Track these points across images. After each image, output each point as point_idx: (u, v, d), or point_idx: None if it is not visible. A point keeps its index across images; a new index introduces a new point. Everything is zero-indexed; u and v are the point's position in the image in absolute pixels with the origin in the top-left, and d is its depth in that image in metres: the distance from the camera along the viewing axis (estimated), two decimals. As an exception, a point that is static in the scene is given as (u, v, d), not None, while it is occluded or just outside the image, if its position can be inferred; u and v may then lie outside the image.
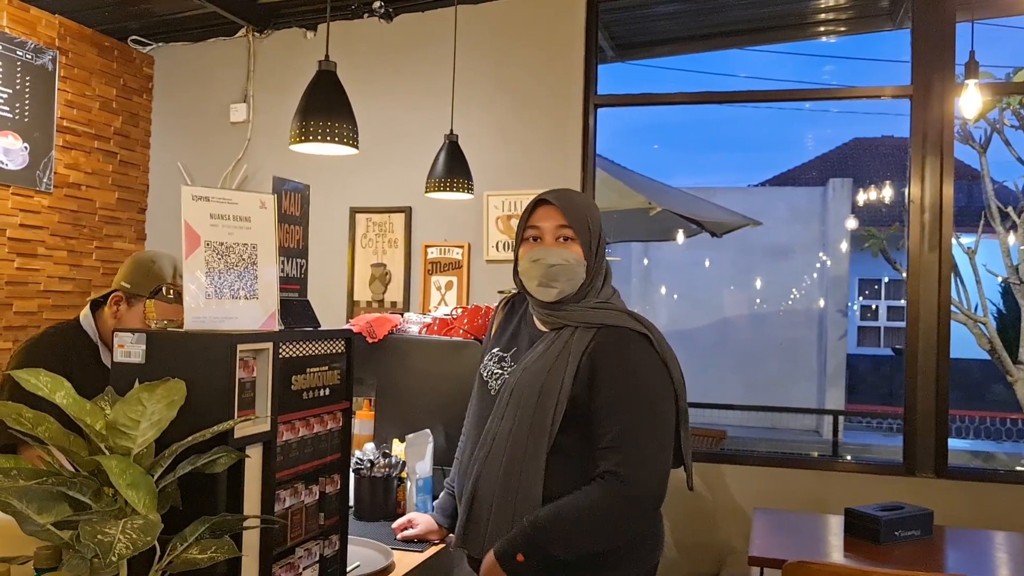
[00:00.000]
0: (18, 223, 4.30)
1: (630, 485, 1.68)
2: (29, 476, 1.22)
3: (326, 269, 4.68)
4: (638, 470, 1.68)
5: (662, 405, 1.74)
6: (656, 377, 1.75)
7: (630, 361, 1.74)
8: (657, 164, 21.53)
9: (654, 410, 1.73)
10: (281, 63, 4.89)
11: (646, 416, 1.71)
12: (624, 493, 1.68)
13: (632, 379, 1.73)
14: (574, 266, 1.82)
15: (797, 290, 11.85)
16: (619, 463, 1.68)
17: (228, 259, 1.49)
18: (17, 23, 4.30)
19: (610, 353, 1.74)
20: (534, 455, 1.73)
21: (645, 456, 1.69)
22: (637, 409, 1.71)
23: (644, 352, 1.75)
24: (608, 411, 1.71)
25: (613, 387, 1.72)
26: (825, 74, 10.45)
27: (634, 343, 1.75)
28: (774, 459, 4.46)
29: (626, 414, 1.70)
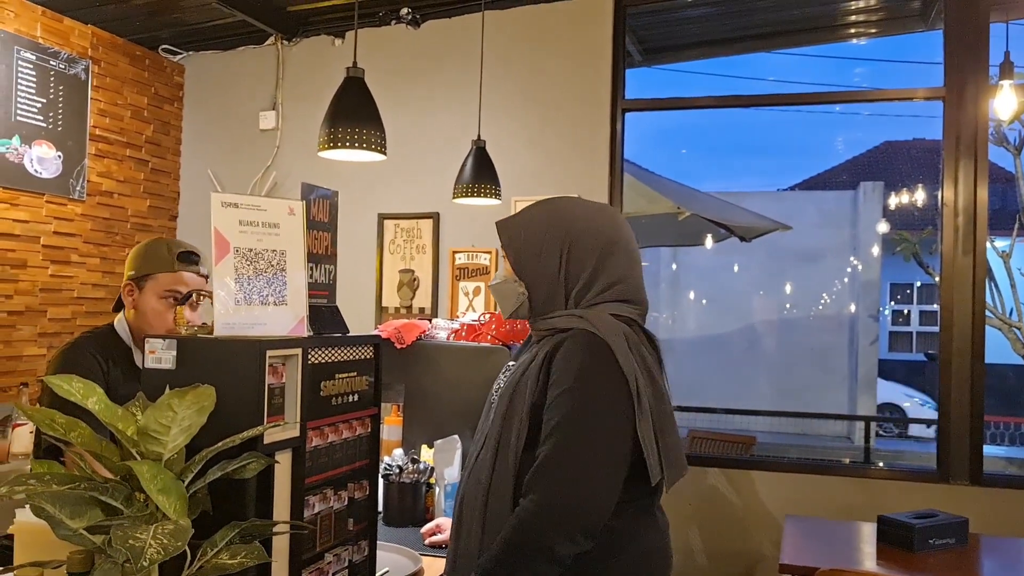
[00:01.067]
0: (52, 231, 4.37)
1: (544, 499, 1.54)
2: (62, 481, 1.23)
3: (354, 275, 4.71)
4: (556, 483, 1.55)
5: (601, 406, 1.59)
6: (598, 379, 1.60)
7: (571, 360, 1.62)
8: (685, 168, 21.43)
9: (588, 410, 1.58)
10: (309, 70, 4.93)
11: (577, 418, 1.58)
12: (536, 510, 1.54)
13: (569, 377, 1.60)
14: (501, 284, 1.81)
15: (827, 295, 11.73)
16: (537, 474, 1.56)
17: (257, 265, 1.50)
18: (51, 33, 4.36)
19: (562, 354, 1.64)
20: (502, 478, 1.63)
21: (568, 464, 1.55)
22: (569, 409, 1.58)
23: (589, 351, 1.62)
24: (547, 413, 1.61)
25: (554, 388, 1.62)
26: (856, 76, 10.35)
27: (581, 342, 1.63)
28: (805, 465, 4.41)
29: (558, 415, 1.58)
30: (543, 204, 1.85)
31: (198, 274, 2.34)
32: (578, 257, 1.73)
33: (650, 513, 1.73)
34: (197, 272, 2.34)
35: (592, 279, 1.73)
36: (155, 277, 2.28)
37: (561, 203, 1.83)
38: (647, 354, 1.69)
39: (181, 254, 2.32)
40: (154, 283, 2.28)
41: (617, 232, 1.78)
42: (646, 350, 1.71)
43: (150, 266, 2.29)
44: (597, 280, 1.73)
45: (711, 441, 5.65)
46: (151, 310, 2.27)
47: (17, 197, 4.17)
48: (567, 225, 1.76)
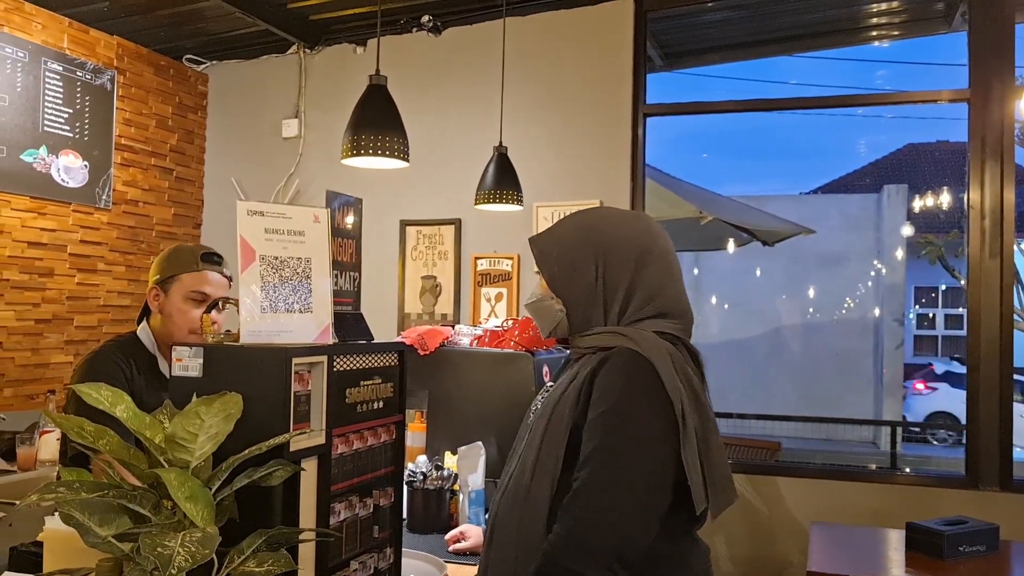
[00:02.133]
0: (79, 239, 4.42)
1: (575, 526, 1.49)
2: (91, 489, 1.24)
3: (377, 282, 4.72)
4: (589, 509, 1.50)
5: (642, 430, 1.52)
6: (640, 400, 1.53)
7: (612, 381, 1.55)
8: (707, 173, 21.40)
9: (628, 434, 1.52)
10: (331, 79, 4.96)
11: (616, 443, 1.51)
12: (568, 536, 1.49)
13: (609, 398, 1.54)
14: (537, 303, 1.77)
15: (852, 299, 11.63)
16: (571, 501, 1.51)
17: (283, 273, 1.51)
18: (77, 44, 4.42)
19: (604, 373, 1.57)
20: (538, 501, 1.58)
21: (602, 490, 1.50)
22: (608, 432, 1.52)
23: (631, 371, 1.55)
24: (586, 435, 1.55)
25: (595, 408, 1.55)
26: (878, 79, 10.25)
27: (623, 362, 1.57)
28: (831, 471, 4.36)
29: (596, 439, 1.52)
30: (574, 217, 1.79)
31: (221, 274, 2.37)
32: (614, 270, 1.67)
33: (694, 538, 1.68)
34: (221, 272, 2.37)
35: (630, 292, 1.66)
36: (180, 279, 2.31)
37: (592, 215, 1.77)
38: (692, 374, 1.61)
39: (204, 255, 2.36)
40: (179, 284, 2.31)
41: (652, 240, 1.70)
42: (691, 369, 1.62)
43: (174, 268, 2.33)
44: (635, 292, 1.66)
45: (735, 447, 5.61)
46: (177, 311, 2.30)
47: (44, 206, 4.22)
48: (599, 237, 1.70)
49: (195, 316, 2.30)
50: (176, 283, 2.31)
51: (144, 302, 2.41)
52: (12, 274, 4.08)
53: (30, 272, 4.17)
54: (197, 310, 2.30)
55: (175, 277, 2.32)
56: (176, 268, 2.33)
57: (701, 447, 1.54)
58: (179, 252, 2.38)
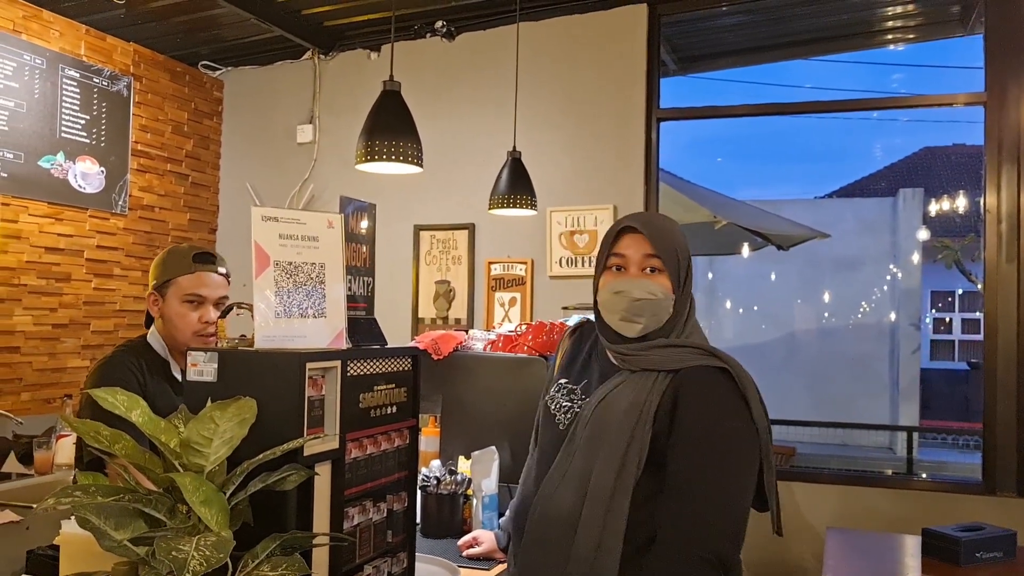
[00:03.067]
0: (95, 244, 4.45)
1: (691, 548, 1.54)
2: (107, 493, 1.25)
3: (391, 286, 4.73)
4: (699, 530, 1.55)
5: (738, 449, 1.60)
6: (735, 420, 1.61)
7: (710, 400, 1.62)
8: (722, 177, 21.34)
9: (728, 458, 1.59)
10: (346, 84, 4.98)
11: (717, 464, 1.58)
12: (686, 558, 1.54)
13: (708, 420, 1.60)
14: (660, 300, 1.69)
15: (867, 303, 11.56)
16: (676, 522, 1.57)
17: (297, 278, 1.51)
18: (94, 51, 4.45)
19: (692, 389, 1.62)
20: (618, 501, 1.61)
21: (705, 517, 1.56)
22: (710, 453, 1.59)
23: (725, 390, 1.62)
24: (681, 450, 1.60)
25: (690, 426, 1.60)
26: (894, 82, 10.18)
27: (716, 381, 1.63)
28: (846, 477, 4.34)
29: (697, 456, 1.59)
30: (672, 221, 1.82)
31: (216, 272, 2.34)
32: (692, 280, 1.77)
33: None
34: (215, 271, 2.34)
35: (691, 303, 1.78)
36: (175, 282, 2.29)
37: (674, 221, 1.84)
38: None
39: (196, 255, 2.33)
40: (175, 288, 2.29)
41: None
42: None
43: (169, 272, 2.31)
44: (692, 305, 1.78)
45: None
46: (176, 314, 2.28)
47: (62, 212, 4.26)
48: (687, 246, 1.78)
49: (194, 319, 2.28)
50: (172, 287, 2.29)
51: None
52: (30, 279, 4.11)
53: (47, 277, 4.20)
54: (195, 312, 2.29)
55: (171, 281, 2.30)
56: (171, 272, 2.31)
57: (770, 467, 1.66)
58: (172, 255, 2.36)
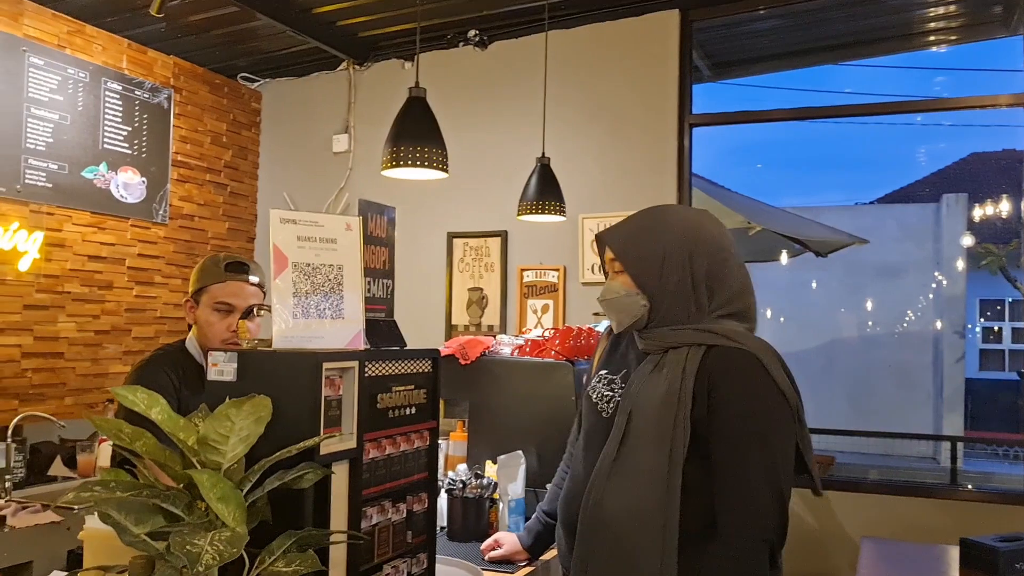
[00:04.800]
0: (136, 253, 4.55)
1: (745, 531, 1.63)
2: (126, 488, 1.28)
3: (425, 293, 4.77)
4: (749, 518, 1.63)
5: (777, 429, 1.66)
6: (767, 400, 1.66)
7: (743, 382, 1.66)
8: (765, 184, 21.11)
9: (768, 439, 1.65)
10: (380, 94, 5.04)
11: (758, 447, 1.64)
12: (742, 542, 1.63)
13: (744, 401, 1.66)
14: (621, 298, 1.79)
15: (909, 311, 11.35)
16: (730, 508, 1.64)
17: (315, 280, 1.54)
18: (135, 65, 4.56)
19: (725, 372, 1.66)
20: (672, 488, 1.65)
21: (756, 497, 1.63)
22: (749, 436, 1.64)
23: (757, 372, 1.66)
24: (723, 437, 1.65)
25: (728, 408, 1.65)
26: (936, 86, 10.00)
27: (747, 363, 1.67)
28: (883, 486, 4.27)
29: (737, 440, 1.65)
30: (650, 213, 1.85)
31: (247, 283, 2.36)
32: (700, 263, 1.73)
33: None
34: (246, 281, 2.36)
35: (712, 284, 1.73)
36: (208, 290, 2.34)
37: (666, 211, 1.85)
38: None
39: (229, 264, 2.36)
40: (208, 296, 2.34)
41: (725, 237, 1.79)
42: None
43: (203, 280, 2.35)
44: (716, 286, 1.74)
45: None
46: (205, 322, 2.33)
47: (104, 221, 4.36)
48: (683, 232, 1.76)
49: (221, 327, 2.31)
50: (205, 294, 2.34)
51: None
52: (73, 287, 4.21)
53: (90, 285, 4.30)
54: (223, 321, 2.32)
55: (204, 289, 2.34)
56: (204, 280, 2.35)
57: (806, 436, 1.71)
58: (208, 264, 2.40)
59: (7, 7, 3.91)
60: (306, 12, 4.45)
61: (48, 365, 4.11)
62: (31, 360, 4.02)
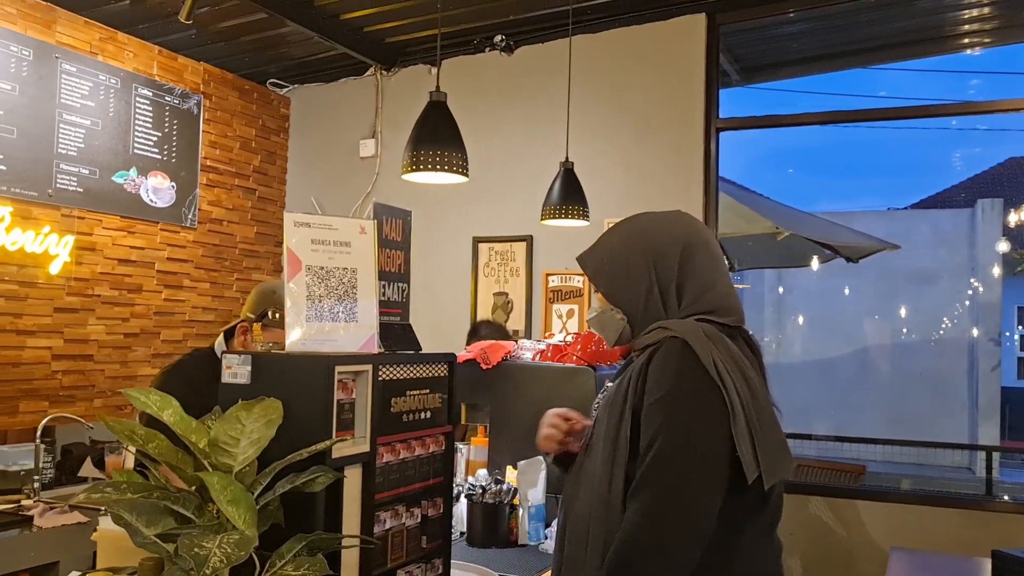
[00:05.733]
0: (166, 257, 4.59)
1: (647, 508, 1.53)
2: (137, 490, 1.29)
3: (450, 298, 4.77)
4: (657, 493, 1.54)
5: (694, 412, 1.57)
6: (685, 382, 1.58)
7: (662, 368, 1.60)
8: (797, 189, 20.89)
9: (682, 418, 1.57)
10: (407, 99, 5.05)
11: (673, 427, 1.56)
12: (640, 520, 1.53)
13: (660, 386, 1.59)
14: (600, 316, 1.80)
15: (944, 318, 11.17)
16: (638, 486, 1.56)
17: (328, 283, 1.54)
18: (166, 71, 4.61)
19: (652, 365, 1.62)
20: (615, 490, 1.60)
21: (667, 472, 1.54)
22: (665, 418, 1.57)
23: (677, 355, 1.60)
24: (644, 423, 1.59)
25: (649, 396, 1.60)
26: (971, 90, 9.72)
27: (668, 349, 1.61)
28: (914, 496, 4.18)
29: (654, 425, 1.57)
30: (617, 227, 1.84)
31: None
32: (665, 266, 1.72)
33: (768, 535, 1.69)
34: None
35: (680, 284, 1.71)
36: (256, 326, 2.33)
37: (634, 221, 1.82)
38: (736, 352, 1.64)
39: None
40: (268, 334, 2.30)
41: (696, 233, 1.76)
42: (740, 349, 1.66)
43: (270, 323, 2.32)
44: (685, 285, 1.71)
45: (817, 470, 5.44)
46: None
47: (134, 225, 4.41)
48: (646, 239, 1.75)
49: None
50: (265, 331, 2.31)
51: (231, 318, 2.44)
52: (103, 290, 4.26)
53: (120, 288, 4.35)
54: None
55: (265, 327, 2.32)
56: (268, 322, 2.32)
57: (750, 418, 1.57)
58: (272, 298, 2.35)
59: (40, 15, 3.98)
60: (334, 18, 4.48)
61: (78, 367, 4.16)
62: (61, 362, 4.07)
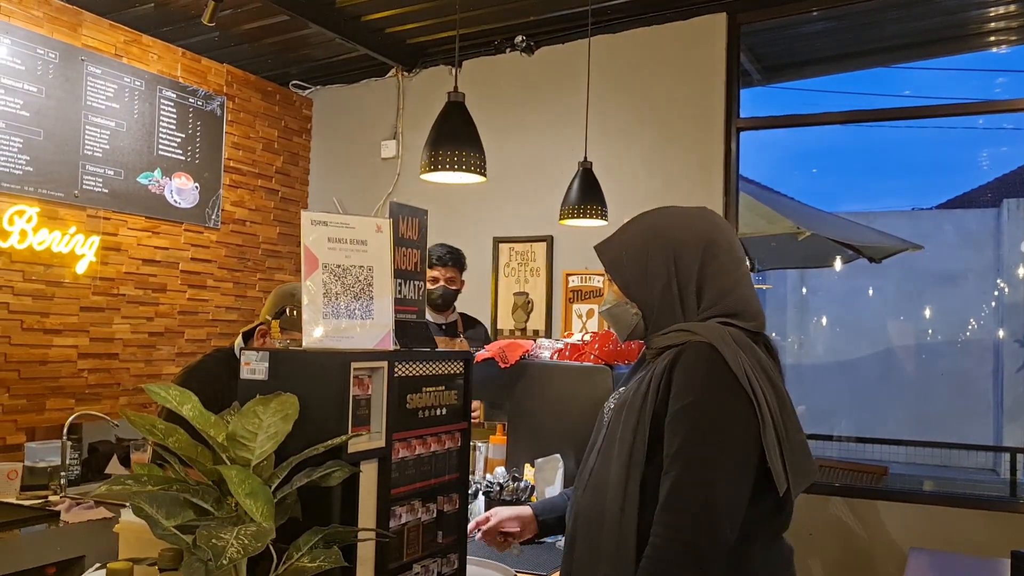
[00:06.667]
0: (189, 257, 4.65)
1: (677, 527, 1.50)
2: (157, 482, 1.31)
3: (471, 298, 4.77)
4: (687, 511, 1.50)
5: (724, 417, 1.54)
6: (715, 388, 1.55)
7: (690, 374, 1.56)
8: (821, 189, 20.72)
9: (712, 426, 1.54)
10: (428, 100, 5.07)
11: (702, 437, 1.53)
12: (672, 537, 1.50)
13: (689, 392, 1.55)
14: (613, 308, 1.77)
15: (968, 319, 11.04)
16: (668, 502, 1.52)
17: (345, 281, 1.56)
18: (190, 73, 4.67)
19: (679, 366, 1.58)
20: (630, 493, 1.58)
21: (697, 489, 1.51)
22: (693, 427, 1.53)
23: (706, 360, 1.56)
24: (670, 428, 1.56)
25: (676, 402, 1.56)
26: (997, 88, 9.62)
27: (697, 354, 1.57)
28: (935, 497, 4.15)
29: (682, 434, 1.54)
30: (638, 220, 1.80)
31: None
32: (685, 266, 1.67)
33: (780, 537, 1.67)
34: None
35: (701, 285, 1.67)
36: (274, 323, 2.36)
37: (655, 215, 1.78)
38: (764, 358, 1.61)
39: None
40: (286, 335, 2.35)
41: (718, 232, 1.71)
42: (763, 354, 1.62)
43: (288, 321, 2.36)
44: (706, 286, 1.67)
45: (838, 470, 5.41)
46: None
47: (158, 226, 4.47)
48: (667, 235, 1.71)
49: None
50: (284, 333, 2.35)
51: (254, 317, 2.48)
52: (128, 289, 4.33)
53: (144, 288, 4.41)
54: None
55: (283, 324, 2.35)
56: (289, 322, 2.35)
57: (778, 427, 1.55)
58: (289, 299, 2.38)
59: (67, 18, 4.04)
60: (355, 20, 4.52)
61: (103, 366, 4.22)
62: (87, 361, 4.14)
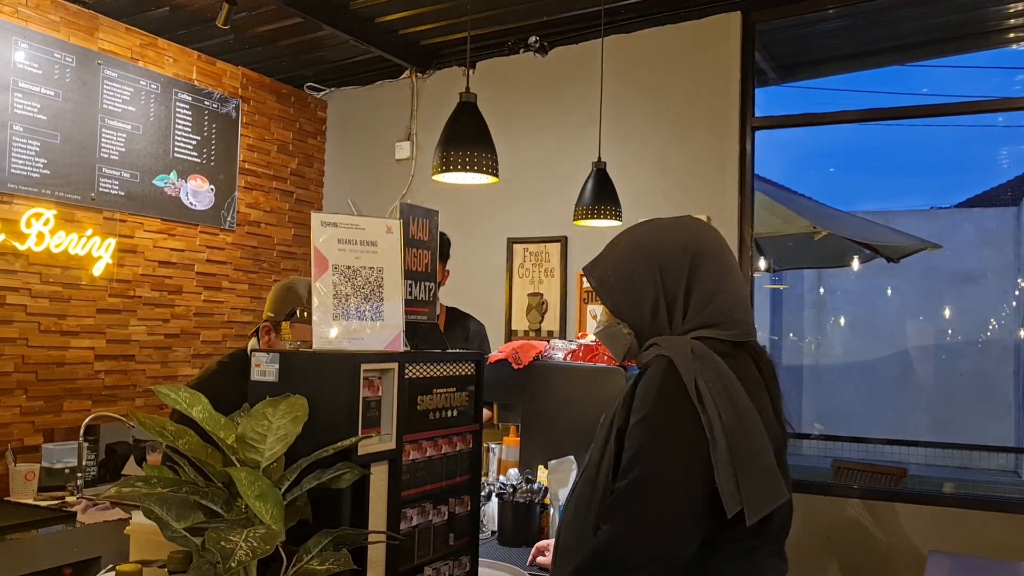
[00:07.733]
0: (205, 259, 4.67)
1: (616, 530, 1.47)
2: (167, 484, 1.31)
3: (485, 299, 4.78)
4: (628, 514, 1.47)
5: (674, 433, 1.49)
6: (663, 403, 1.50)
7: (647, 387, 1.53)
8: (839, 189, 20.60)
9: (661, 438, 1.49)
10: (442, 101, 5.07)
11: (651, 448, 1.49)
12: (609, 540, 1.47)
13: (644, 404, 1.51)
14: (606, 330, 1.72)
15: (988, 319, 10.93)
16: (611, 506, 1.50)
17: (355, 282, 1.56)
18: (205, 76, 4.69)
19: (641, 381, 1.55)
20: (592, 506, 1.55)
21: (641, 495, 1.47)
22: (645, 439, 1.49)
23: (659, 375, 1.52)
24: (627, 442, 1.52)
25: (633, 416, 1.53)
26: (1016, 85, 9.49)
27: (656, 367, 1.53)
28: (955, 499, 4.11)
29: (634, 445, 1.50)
30: (623, 236, 1.74)
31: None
32: (671, 279, 1.61)
33: (758, 554, 1.57)
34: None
35: (687, 296, 1.61)
36: (284, 325, 2.35)
37: (639, 229, 1.71)
38: (726, 372, 1.53)
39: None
40: (291, 331, 2.34)
41: (706, 242, 1.64)
42: (742, 366, 1.57)
43: (287, 312, 2.35)
44: (691, 297, 1.61)
45: (856, 472, 5.37)
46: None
47: (174, 228, 4.49)
48: (651, 250, 1.65)
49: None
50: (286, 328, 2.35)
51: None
52: (144, 291, 4.35)
53: (160, 290, 4.43)
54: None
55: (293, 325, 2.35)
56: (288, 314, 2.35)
57: (733, 446, 1.47)
58: (294, 298, 2.38)
59: (83, 22, 4.07)
60: (369, 21, 4.52)
61: (120, 367, 4.24)
62: (104, 362, 4.16)
